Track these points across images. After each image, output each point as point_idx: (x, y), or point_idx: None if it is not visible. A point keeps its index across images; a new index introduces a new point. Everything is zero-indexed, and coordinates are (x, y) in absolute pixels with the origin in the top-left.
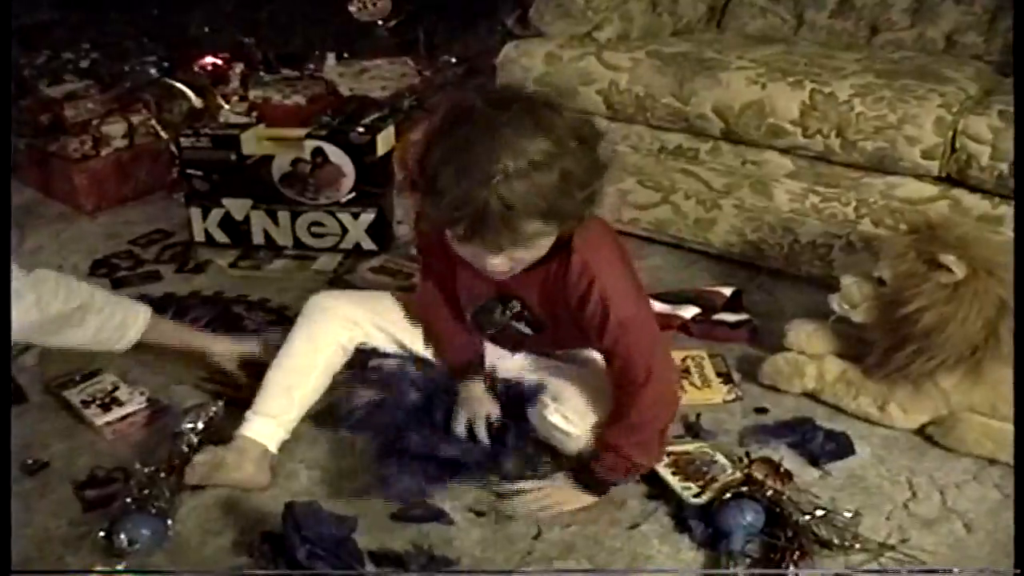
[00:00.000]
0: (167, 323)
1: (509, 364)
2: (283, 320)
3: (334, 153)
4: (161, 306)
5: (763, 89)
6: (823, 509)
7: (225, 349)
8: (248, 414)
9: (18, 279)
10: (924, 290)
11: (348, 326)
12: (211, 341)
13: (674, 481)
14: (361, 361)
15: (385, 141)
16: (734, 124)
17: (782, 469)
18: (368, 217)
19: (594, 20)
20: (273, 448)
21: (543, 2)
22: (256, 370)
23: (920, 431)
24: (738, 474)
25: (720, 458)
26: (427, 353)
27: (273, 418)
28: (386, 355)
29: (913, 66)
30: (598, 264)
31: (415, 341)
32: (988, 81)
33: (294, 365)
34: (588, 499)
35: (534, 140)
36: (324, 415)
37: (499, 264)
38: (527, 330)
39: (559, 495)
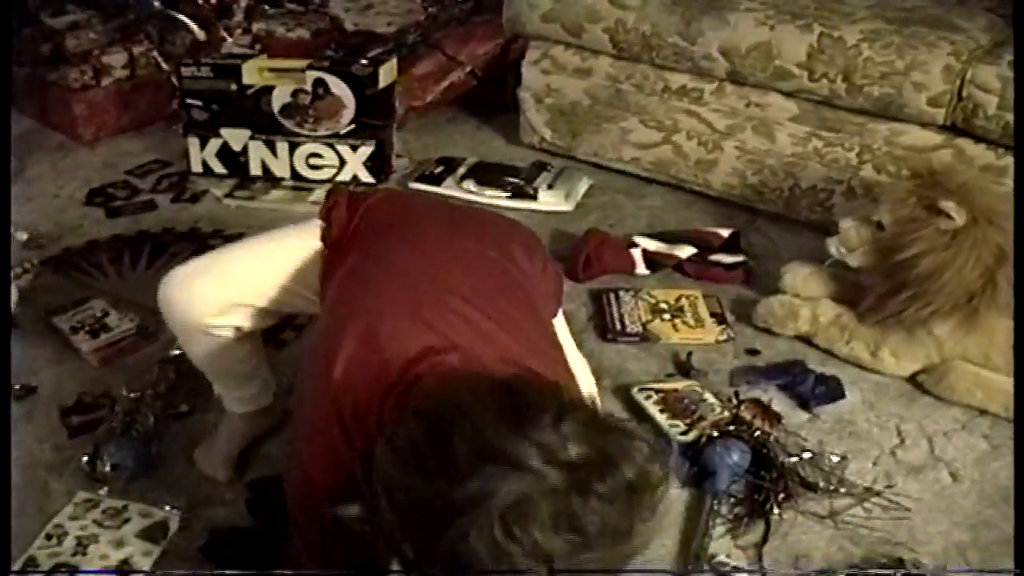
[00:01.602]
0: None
1: None
2: None
3: (335, 84)
4: (137, 242)
5: (771, 31)
6: (810, 452)
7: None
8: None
9: None
10: (923, 235)
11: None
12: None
13: (662, 418)
14: None
15: (387, 74)
16: (740, 65)
17: (771, 410)
18: (367, 149)
19: None
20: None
21: None
22: None
23: (911, 379)
24: (726, 414)
25: (709, 397)
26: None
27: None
28: None
29: (924, 14)
30: None
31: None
32: (1000, 33)
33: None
34: None
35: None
36: None
37: None
38: None
39: None
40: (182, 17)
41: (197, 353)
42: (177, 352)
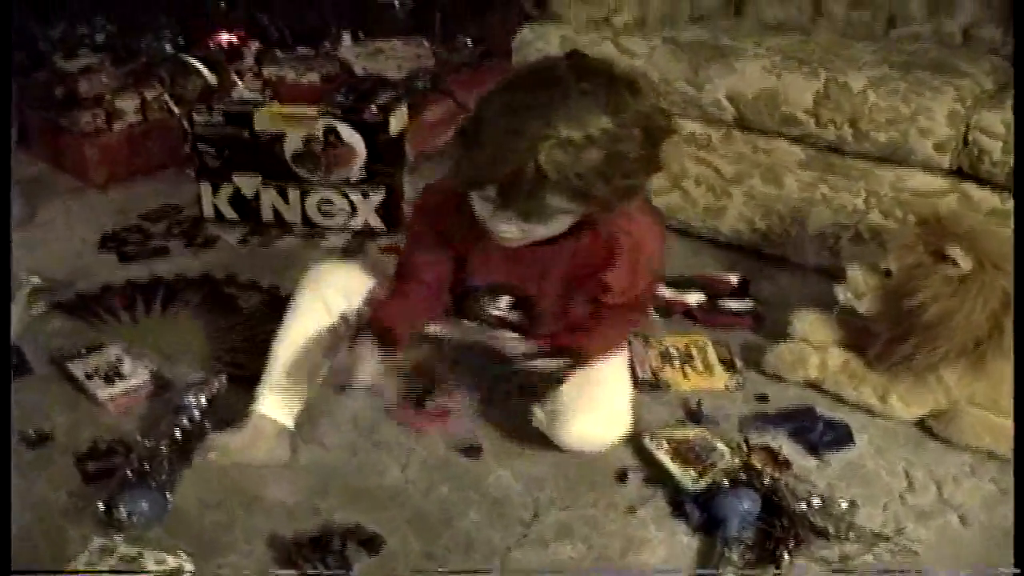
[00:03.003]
0: None
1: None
2: (275, 301)
3: (347, 132)
4: (150, 288)
5: (778, 78)
6: (820, 498)
7: None
8: (260, 390)
9: None
10: (930, 282)
11: (349, 294)
12: None
13: (673, 466)
14: None
15: (398, 121)
16: (747, 112)
17: (781, 457)
18: (378, 196)
19: (611, 5)
20: (290, 423)
21: None
22: None
23: (920, 423)
24: (737, 461)
25: (719, 445)
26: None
27: (284, 392)
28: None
29: (929, 59)
30: (641, 234)
31: None
32: (1003, 75)
33: (301, 333)
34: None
35: (597, 115)
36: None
37: (510, 233)
38: (509, 331)
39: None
40: (193, 61)
41: (295, 327)
42: (192, 401)
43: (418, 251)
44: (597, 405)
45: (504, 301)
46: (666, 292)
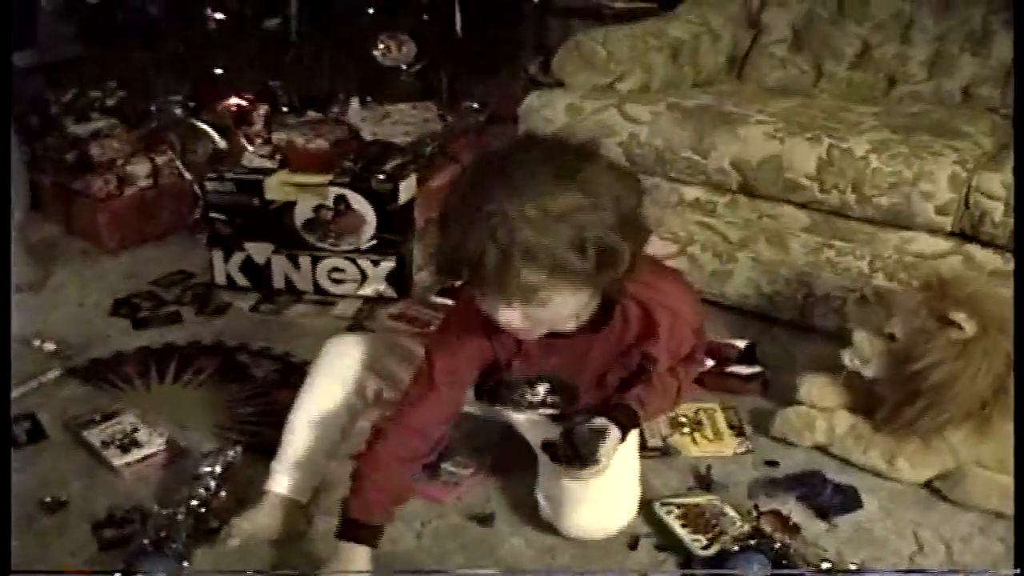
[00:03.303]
0: None
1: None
2: (288, 368)
3: (356, 200)
4: (164, 355)
5: (781, 144)
6: (829, 562)
7: None
8: (274, 465)
9: None
10: (935, 347)
11: (366, 369)
12: None
13: (683, 533)
14: None
15: (407, 189)
16: (752, 178)
17: (790, 522)
18: (388, 264)
19: (616, 72)
20: (303, 498)
21: (565, 52)
22: None
23: (927, 485)
24: (747, 527)
25: (729, 510)
26: None
27: (299, 469)
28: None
29: (929, 120)
30: (675, 300)
31: None
32: (1002, 135)
33: (317, 409)
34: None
35: (554, 188)
36: None
37: (512, 318)
38: (551, 410)
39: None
40: (203, 126)
41: (310, 402)
42: (208, 470)
43: (456, 357)
44: (600, 495)
45: (542, 388)
46: None
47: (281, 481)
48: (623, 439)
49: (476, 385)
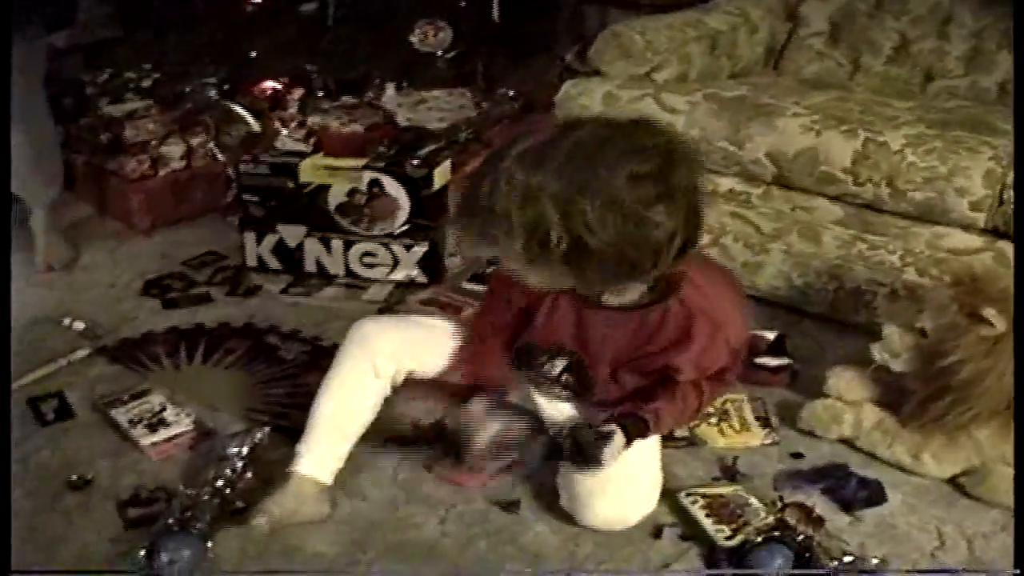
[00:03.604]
0: None
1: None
2: (318, 351)
3: (391, 185)
4: (193, 335)
5: (817, 136)
6: (851, 555)
7: None
8: (299, 448)
9: None
10: (965, 342)
11: (394, 353)
12: None
13: (707, 523)
14: None
15: (442, 175)
16: (787, 170)
17: (814, 514)
18: (421, 249)
19: (653, 61)
20: (327, 480)
21: (603, 41)
22: None
23: (951, 481)
24: (771, 518)
25: (754, 502)
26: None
27: (325, 451)
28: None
29: (965, 116)
30: (721, 314)
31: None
32: None
33: (344, 392)
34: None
35: (613, 165)
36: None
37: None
38: (562, 391)
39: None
40: (238, 109)
41: (338, 385)
42: (234, 451)
43: (492, 313)
44: (618, 488)
45: (560, 364)
46: None
47: (304, 462)
48: (628, 446)
49: (511, 344)
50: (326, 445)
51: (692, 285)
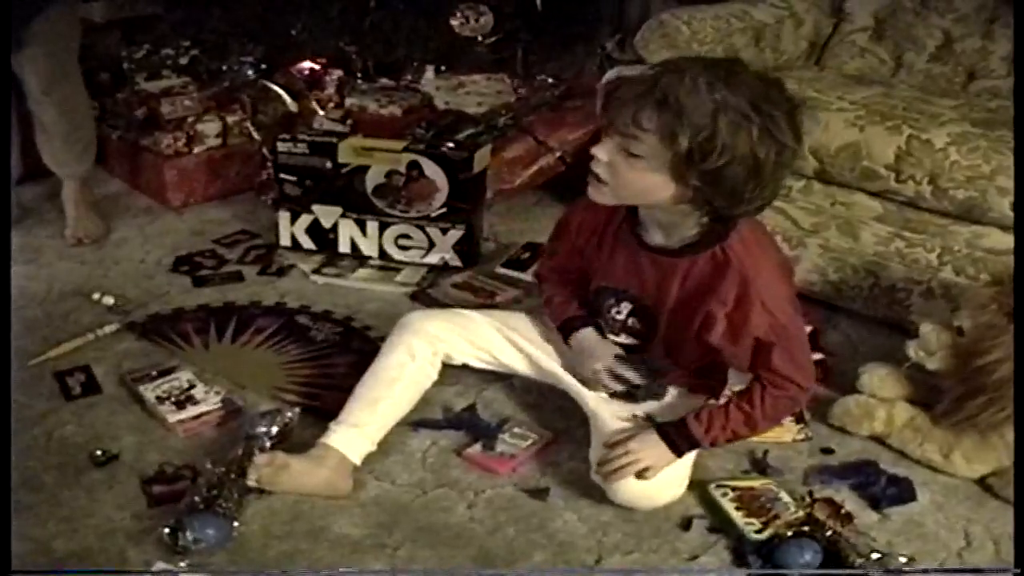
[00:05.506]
0: None
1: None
2: (349, 332)
3: (430, 167)
4: (223, 313)
5: (861, 132)
6: (879, 552)
7: None
8: (332, 424)
9: None
10: (1002, 342)
11: (438, 343)
12: None
13: (737, 516)
14: None
15: (481, 159)
16: (829, 165)
17: (843, 510)
18: (457, 233)
19: (698, 52)
20: (355, 459)
21: (649, 29)
22: None
23: (981, 481)
24: (800, 513)
25: (784, 496)
26: (516, 367)
27: (356, 428)
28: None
29: (1009, 116)
30: (756, 270)
31: (503, 357)
32: None
33: (382, 379)
34: (669, 457)
35: (732, 82)
36: None
37: (601, 152)
38: (628, 339)
39: (644, 450)
40: (276, 88)
41: (380, 371)
42: (263, 430)
43: (558, 257)
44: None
45: (625, 308)
46: None
47: (332, 435)
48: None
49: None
50: (360, 425)
51: (739, 238)
